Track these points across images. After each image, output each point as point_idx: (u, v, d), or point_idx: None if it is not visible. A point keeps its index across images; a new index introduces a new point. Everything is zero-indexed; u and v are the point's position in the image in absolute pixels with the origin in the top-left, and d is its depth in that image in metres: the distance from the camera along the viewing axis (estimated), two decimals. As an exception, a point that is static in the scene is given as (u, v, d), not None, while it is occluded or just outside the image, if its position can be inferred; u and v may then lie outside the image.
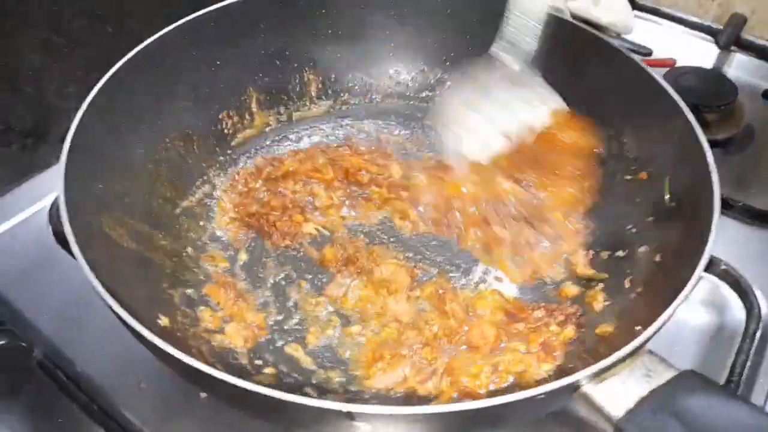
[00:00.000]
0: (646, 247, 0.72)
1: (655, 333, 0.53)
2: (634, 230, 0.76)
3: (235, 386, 0.50)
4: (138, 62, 0.77)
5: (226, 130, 0.91)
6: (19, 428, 0.68)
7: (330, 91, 0.97)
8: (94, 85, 0.73)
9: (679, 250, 0.66)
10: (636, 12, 1.07)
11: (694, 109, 0.71)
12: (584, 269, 0.77)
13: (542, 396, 0.50)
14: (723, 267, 0.78)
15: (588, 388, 0.52)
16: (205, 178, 0.87)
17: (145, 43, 0.79)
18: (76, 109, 0.70)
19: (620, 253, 0.76)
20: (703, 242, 0.59)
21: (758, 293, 0.77)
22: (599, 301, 0.73)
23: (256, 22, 0.90)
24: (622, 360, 0.52)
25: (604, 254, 0.78)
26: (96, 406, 0.69)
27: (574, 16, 0.84)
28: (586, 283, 0.76)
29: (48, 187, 0.90)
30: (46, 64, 0.90)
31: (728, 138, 0.97)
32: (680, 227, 0.69)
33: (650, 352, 0.54)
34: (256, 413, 0.62)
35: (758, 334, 0.73)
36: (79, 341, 0.74)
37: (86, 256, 0.57)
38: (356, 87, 0.98)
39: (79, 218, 0.61)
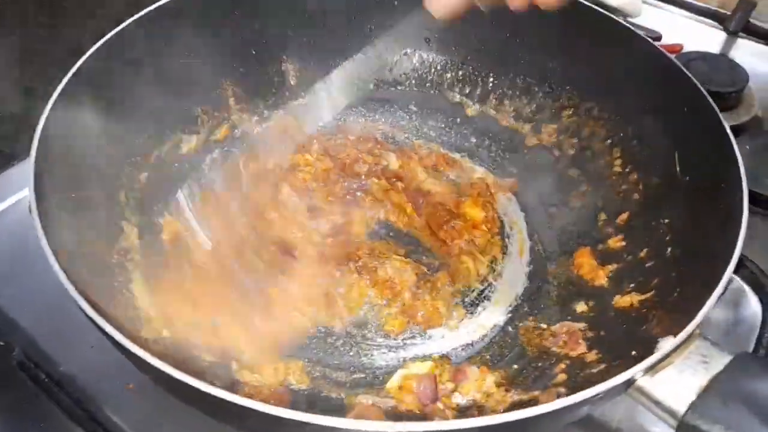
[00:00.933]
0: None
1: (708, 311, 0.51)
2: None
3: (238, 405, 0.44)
4: (102, 56, 0.70)
5: (202, 129, 0.84)
6: (-3, 434, 0.63)
7: (309, 82, 0.90)
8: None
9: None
10: (643, -4, 1.05)
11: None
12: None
13: (600, 395, 0.46)
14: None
15: (643, 381, 0.49)
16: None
17: (109, 35, 0.72)
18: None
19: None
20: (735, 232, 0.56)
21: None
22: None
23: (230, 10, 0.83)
24: (678, 348, 0.49)
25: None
26: (80, 409, 0.65)
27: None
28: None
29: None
30: (28, 48, 0.83)
31: (739, 125, 0.93)
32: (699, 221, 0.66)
33: (701, 336, 0.51)
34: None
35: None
36: (62, 340, 0.69)
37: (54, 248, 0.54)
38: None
39: (52, 219, 0.56)
